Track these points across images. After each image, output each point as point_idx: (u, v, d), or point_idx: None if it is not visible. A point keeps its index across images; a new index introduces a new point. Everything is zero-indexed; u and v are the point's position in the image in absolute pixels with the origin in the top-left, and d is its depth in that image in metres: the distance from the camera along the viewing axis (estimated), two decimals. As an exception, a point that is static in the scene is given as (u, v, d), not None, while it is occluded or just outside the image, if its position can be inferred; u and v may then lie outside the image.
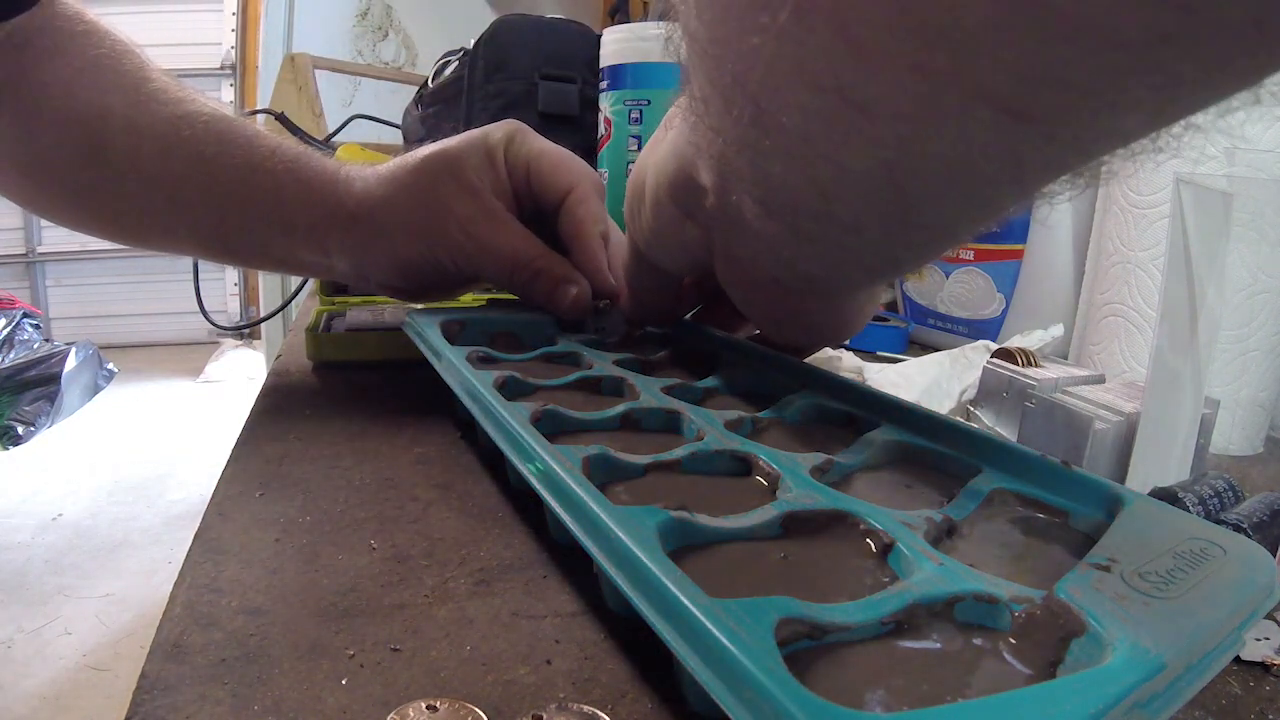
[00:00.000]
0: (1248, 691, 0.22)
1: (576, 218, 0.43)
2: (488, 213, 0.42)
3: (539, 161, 0.43)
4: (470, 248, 0.42)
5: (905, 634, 0.20)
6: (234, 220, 0.43)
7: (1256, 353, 0.40)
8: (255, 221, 0.43)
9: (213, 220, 0.43)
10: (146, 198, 0.43)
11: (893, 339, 0.58)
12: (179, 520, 2.14)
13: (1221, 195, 0.31)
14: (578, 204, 0.43)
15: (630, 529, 0.22)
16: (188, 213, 0.43)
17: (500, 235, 0.42)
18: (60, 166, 0.43)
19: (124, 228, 0.46)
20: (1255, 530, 0.26)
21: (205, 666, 0.21)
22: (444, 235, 0.42)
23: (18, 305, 3.03)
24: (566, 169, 0.44)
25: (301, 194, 0.42)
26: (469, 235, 0.41)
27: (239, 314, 3.89)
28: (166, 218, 0.44)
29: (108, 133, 0.41)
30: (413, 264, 0.43)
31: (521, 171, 0.43)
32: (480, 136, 0.43)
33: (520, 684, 0.21)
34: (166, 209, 0.43)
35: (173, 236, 0.45)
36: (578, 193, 0.43)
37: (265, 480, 0.33)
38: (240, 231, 0.44)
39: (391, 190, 0.42)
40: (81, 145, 0.42)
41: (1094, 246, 0.48)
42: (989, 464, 0.28)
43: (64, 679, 1.49)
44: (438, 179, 0.42)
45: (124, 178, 0.42)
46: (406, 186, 0.42)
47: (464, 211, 0.41)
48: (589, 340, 0.44)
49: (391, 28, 2.42)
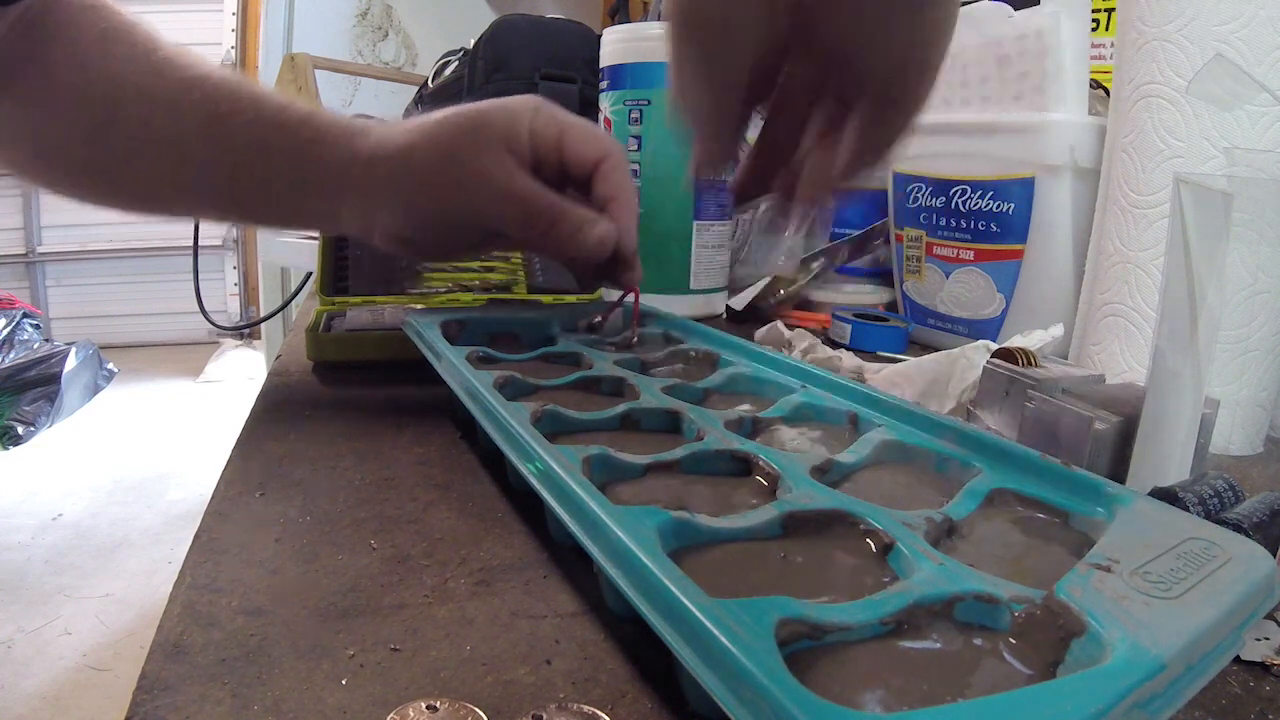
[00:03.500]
0: (1248, 691, 0.22)
1: (613, 181, 0.43)
2: (503, 165, 0.42)
3: (572, 131, 0.43)
4: (485, 194, 0.41)
5: (905, 634, 0.20)
6: (245, 176, 0.43)
7: (1256, 353, 0.40)
8: (266, 174, 0.43)
9: (224, 177, 0.44)
10: (159, 162, 0.44)
11: (893, 339, 0.58)
12: (179, 520, 2.14)
13: (1221, 195, 0.31)
14: (612, 170, 0.44)
15: (630, 529, 0.22)
16: (200, 173, 0.44)
17: (516, 182, 0.42)
18: (73, 140, 0.43)
19: (137, 195, 0.46)
20: (1255, 530, 0.26)
21: (205, 666, 0.21)
22: (458, 185, 0.41)
23: (18, 305, 3.03)
24: (598, 139, 0.44)
25: (314, 144, 0.43)
26: (484, 183, 0.41)
27: (239, 314, 3.89)
28: (179, 179, 0.44)
29: (119, 102, 0.42)
30: (425, 214, 0.43)
31: (552, 140, 0.43)
32: (505, 102, 0.44)
33: (520, 684, 0.21)
34: (179, 170, 0.44)
35: (185, 198, 0.46)
36: (612, 160, 0.44)
37: (265, 480, 0.33)
38: (251, 187, 0.44)
39: (411, 139, 0.42)
40: (94, 117, 0.42)
41: (1094, 246, 0.48)
42: (989, 464, 0.28)
43: (64, 679, 1.49)
44: (459, 132, 0.42)
45: (137, 144, 0.43)
46: (427, 135, 0.42)
47: (480, 163, 0.41)
48: (589, 340, 0.45)
49: (391, 28, 2.42)
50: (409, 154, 0.42)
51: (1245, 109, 0.39)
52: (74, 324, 3.76)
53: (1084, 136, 0.51)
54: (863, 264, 0.73)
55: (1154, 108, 0.42)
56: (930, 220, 0.60)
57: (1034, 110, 0.52)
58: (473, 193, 0.41)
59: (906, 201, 0.62)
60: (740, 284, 0.68)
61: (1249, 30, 0.39)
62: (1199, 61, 0.40)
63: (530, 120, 0.43)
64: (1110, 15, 0.71)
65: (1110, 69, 0.47)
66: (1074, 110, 0.51)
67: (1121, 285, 0.45)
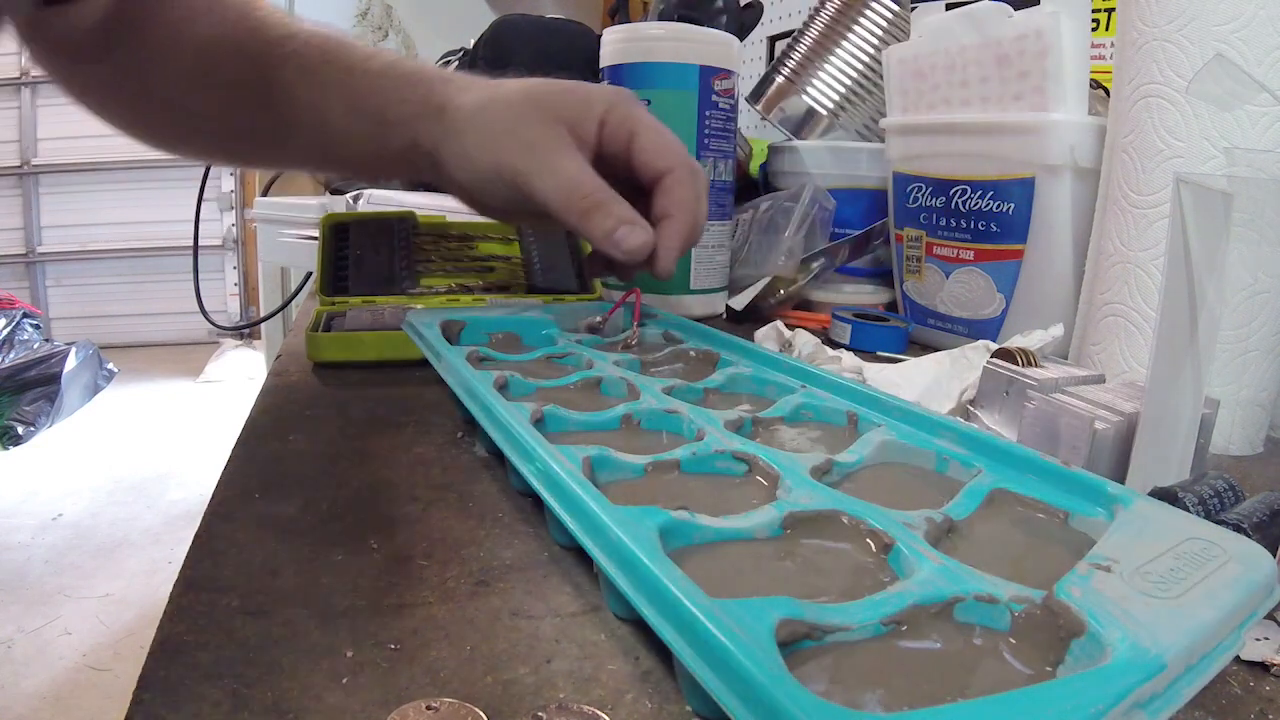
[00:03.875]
0: (1248, 691, 0.22)
1: (673, 198, 0.43)
2: (559, 142, 0.42)
3: (644, 137, 0.44)
4: (535, 166, 0.42)
5: (905, 634, 0.20)
6: (336, 123, 0.45)
7: (1256, 353, 0.40)
8: (353, 120, 0.45)
9: (315, 124, 0.46)
10: (254, 116, 0.46)
11: (893, 339, 0.58)
12: (179, 520, 2.14)
13: (1221, 195, 0.31)
14: (675, 184, 0.43)
15: (630, 529, 0.22)
16: (294, 125, 0.46)
17: (565, 160, 0.42)
18: (175, 96, 0.46)
19: (232, 148, 0.50)
20: (1255, 530, 0.26)
21: (205, 666, 0.21)
22: (515, 151, 0.42)
23: (18, 305, 3.03)
24: (668, 150, 0.44)
25: (397, 87, 0.45)
26: (536, 155, 0.42)
27: (239, 314, 3.89)
28: (273, 133, 0.47)
29: (218, 59, 0.45)
30: (479, 172, 0.44)
31: (621, 140, 0.44)
32: (588, 87, 0.45)
33: (520, 684, 0.21)
34: (274, 125, 0.47)
35: (281, 152, 0.50)
36: (676, 175, 0.43)
37: (265, 480, 0.33)
38: (340, 133, 0.46)
39: (484, 98, 0.44)
40: (195, 74, 0.45)
41: (1094, 246, 0.48)
42: (989, 464, 0.28)
43: (64, 679, 1.49)
44: (530, 102, 0.43)
45: (233, 99, 0.46)
46: (499, 100, 0.43)
47: (538, 134, 0.42)
48: (589, 340, 0.45)
49: (391, 28, 2.42)
50: (479, 112, 0.43)
51: (1245, 109, 0.39)
52: (74, 324, 3.76)
53: (1084, 136, 0.51)
54: (863, 264, 0.73)
55: (1154, 108, 0.42)
56: (930, 220, 0.60)
57: (1034, 110, 0.52)
58: (526, 161, 0.42)
59: (906, 201, 0.62)
60: (740, 284, 0.68)
61: (1249, 30, 0.39)
62: (1199, 61, 0.40)
63: (604, 112, 0.43)
64: (1110, 15, 0.71)
65: (1110, 69, 0.47)
66: (1074, 110, 0.51)
67: (1121, 285, 0.45)
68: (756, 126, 1.18)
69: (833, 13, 0.80)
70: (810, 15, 0.83)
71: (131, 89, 0.47)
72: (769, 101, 0.84)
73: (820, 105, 0.80)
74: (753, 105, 0.86)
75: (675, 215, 0.43)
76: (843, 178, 0.74)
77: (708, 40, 0.64)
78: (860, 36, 0.78)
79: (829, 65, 0.80)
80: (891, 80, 0.63)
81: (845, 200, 0.72)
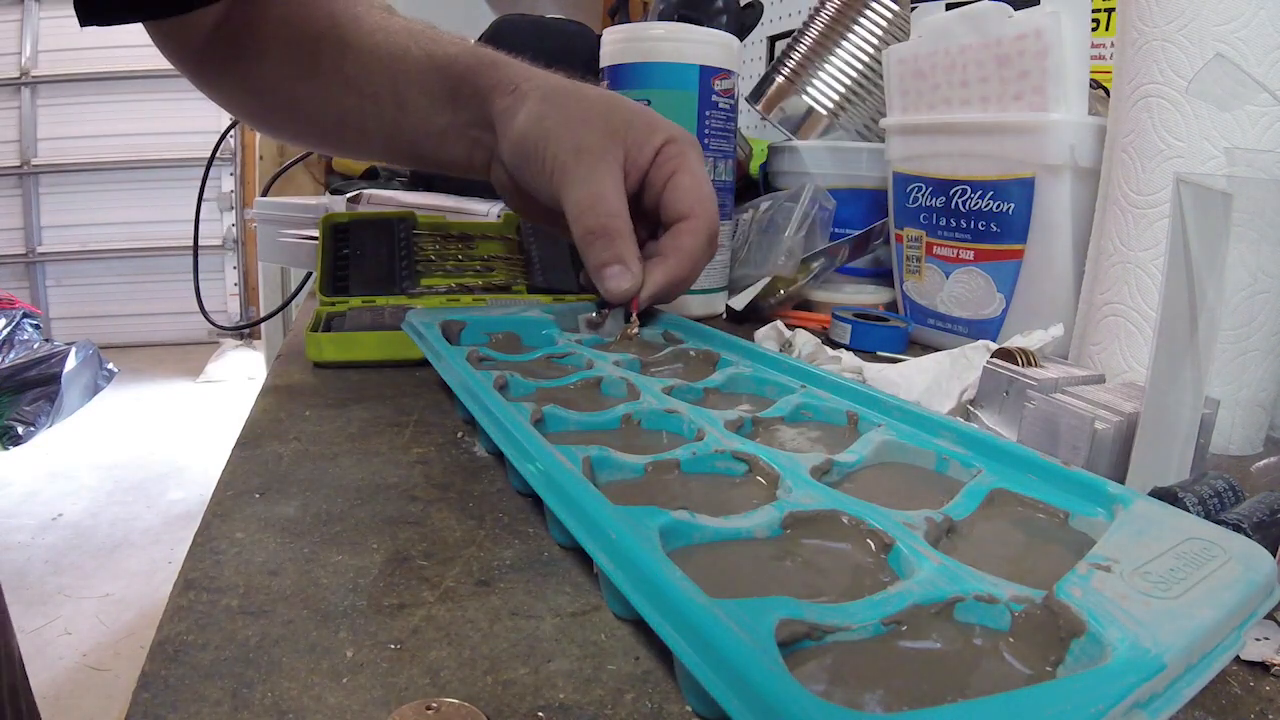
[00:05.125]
0: (1248, 691, 0.22)
1: (676, 243, 0.45)
2: (607, 159, 0.44)
3: (683, 176, 0.45)
4: (572, 167, 0.44)
5: (905, 634, 0.20)
6: (414, 105, 0.49)
7: (1256, 353, 0.40)
8: (430, 103, 0.49)
9: (393, 117, 0.50)
10: (344, 99, 0.50)
11: (893, 339, 0.58)
12: (179, 520, 2.14)
13: (1221, 195, 0.31)
14: (688, 231, 0.45)
15: (630, 529, 0.22)
16: (376, 113, 0.50)
17: (602, 176, 0.44)
18: (282, 85, 0.51)
19: (326, 131, 0.54)
20: (1255, 530, 0.25)
21: (205, 666, 0.21)
22: (561, 143, 0.44)
23: (18, 305, 3.03)
24: (691, 199, 0.45)
25: (472, 69, 0.48)
26: (579, 159, 0.44)
27: (239, 314, 3.89)
28: (358, 117, 0.51)
29: (320, 52, 0.49)
30: (521, 165, 0.46)
31: (666, 173, 0.45)
32: (658, 120, 0.46)
33: (520, 684, 0.21)
34: (358, 107, 0.50)
35: (365, 135, 0.52)
36: (689, 224, 0.45)
37: (265, 480, 0.33)
38: (417, 116, 0.49)
39: (567, 84, 0.46)
40: (300, 65, 0.50)
41: (1094, 246, 0.48)
42: (989, 464, 0.28)
43: (64, 679, 1.49)
44: (598, 108, 0.45)
45: (329, 86, 0.50)
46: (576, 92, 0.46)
47: (592, 143, 0.44)
48: (589, 340, 0.45)
49: (391, 28, 2.41)
50: (556, 91, 0.45)
51: (1245, 109, 0.39)
52: (74, 324, 3.76)
53: (1084, 136, 0.51)
54: (863, 264, 0.73)
55: (1154, 108, 0.42)
56: (930, 220, 0.60)
57: (1034, 110, 0.52)
58: (568, 160, 0.44)
59: (906, 201, 0.62)
60: (740, 284, 0.68)
61: (1249, 30, 0.39)
62: (1199, 61, 0.40)
63: (662, 143, 0.45)
64: (1110, 15, 0.71)
65: (1110, 69, 0.47)
66: (1074, 110, 0.51)
67: (1121, 285, 0.45)
68: (756, 126, 1.18)
69: (833, 13, 0.80)
70: (810, 15, 0.83)
71: (254, 87, 0.51)
72: (769, 101, 0.84)
73: (820, 105, 0.80)
74: (753, 105, 0.86)
75: (671, 258, 0.45)
76: (843, 178, 0.74)
77: (708, 40, 0.64)
78: (860, 36, 0.78)
79: (829, 65, 0.80)
80: (891, 80, 0.63)
81: (845, 200, 0.72)
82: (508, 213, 0.66)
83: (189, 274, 0.86)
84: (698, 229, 0.45)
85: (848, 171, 0.74)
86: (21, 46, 3.63)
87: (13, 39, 3.63)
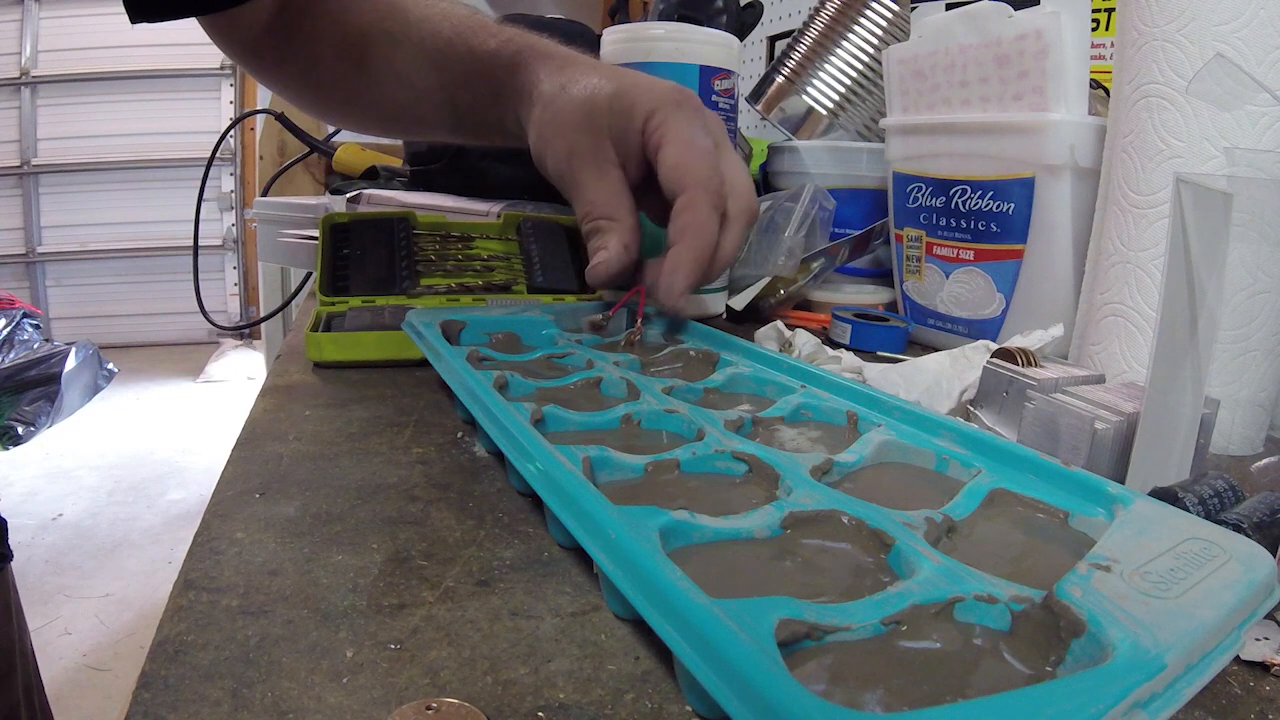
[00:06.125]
0: (1248, 691, 0.22)
1: (680, 223, 0.43)
2: (596, 157, 0.45)
3: (668, 149, 0.44)
4: (567, 174, 0.46)
5: (905, 634, 0.20)
6: (462, 97, 0.52)
7: (1256, 353, 0.40)
8: (473, 99, 0.52)
9: (446, 101, 0.53)
10: (398, 93, 0.53)
11: (893, 339, 0.58)
12: (179, 520, 2.14)
13: (1221, 195, 0.31)
14: (686, 207, 0.43)
15: (630, 529, 0.22)
16: (428, 99, 0.53)
17: (592, 175, 0.45)
18: (337, 77, 0.54)
19: (385, 120, 0.58)
20: (1255, 530, 0.25)
21: (205, 666, 0.21)
22: (557, 154, 0.46)
23: (18, 305, 3.03)
24: (688, 169, 0.43)
25: (509, 72, 0.49)
26: (571, 165, 0.46)
27: (239, 314, 3.89)
28: (414, 109, 0.54)
29: (370, 46, 0.52)
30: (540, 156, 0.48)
31: (653, 149, 0.45)
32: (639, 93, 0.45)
33: (520, 684, 0.21)
34: (414, 100, 0.53)
35: (424, 124, 0.56)
36: (690, 195, 0.43)
37: (265, 480, 0.33)
38: (464, 108, 0.53)
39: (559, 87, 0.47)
40: (352, 59, 0.52)
41: (1094, 246, 0.48)
42: (989, 464, 0.28)
43: (64, 679, 1.49)
44: (583, 108, 0.46)
45: (382, 80, 0.53)
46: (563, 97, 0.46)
47: (580, 146, 0.45)
48: (589, 340, 0.45)
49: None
50: (550, 104, 0.47)
51: (1245, 109, 0.39)
52: (74, 324, 3.76)
53: (1084, 136, 0.51)
54: (863, 264, 0.73)
55: (1154, 108, 0.42)
56: (930, 220, 0.60)
57: (1034, 110, 0.52)
58: (563, 167, 0.46)
59: (906, 201, 0.62)
60: (740, 284, 0.68)
61: (1249, 30, 0.39)
62: (1199, 61, 0.40)
63: (645, 120, 0.45)
64: (1110, 15, 0.71)
65: (1110, 69, 0.47)
66: (1074, 110, 0.51)
67: (1121, 285, 0.45)
68: (756, 126, 1.18)
69: (833, 13, 0.80)
70: (810, 15, 0.83)
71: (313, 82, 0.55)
72: (769, 101, 0.84)
73: (820, 105, 0.80)
74: (753, 105, 0.86)
75: (677, 242, 0.42)
76: (843, 178, 0.74)
77: (708, 40, 0.64)
78: (860, 36, 0.78)
79: (829, 65, 0.80)
80: (891, 80, 0.63)
81: (845, 200, 0.72)
82: (508, 213, 0.66)
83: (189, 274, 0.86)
84: (694, 202, 0.42)
85: (848, 171, 0.74)
86: (21, 46, 3.63)
87: (13, 39, 3.63)
